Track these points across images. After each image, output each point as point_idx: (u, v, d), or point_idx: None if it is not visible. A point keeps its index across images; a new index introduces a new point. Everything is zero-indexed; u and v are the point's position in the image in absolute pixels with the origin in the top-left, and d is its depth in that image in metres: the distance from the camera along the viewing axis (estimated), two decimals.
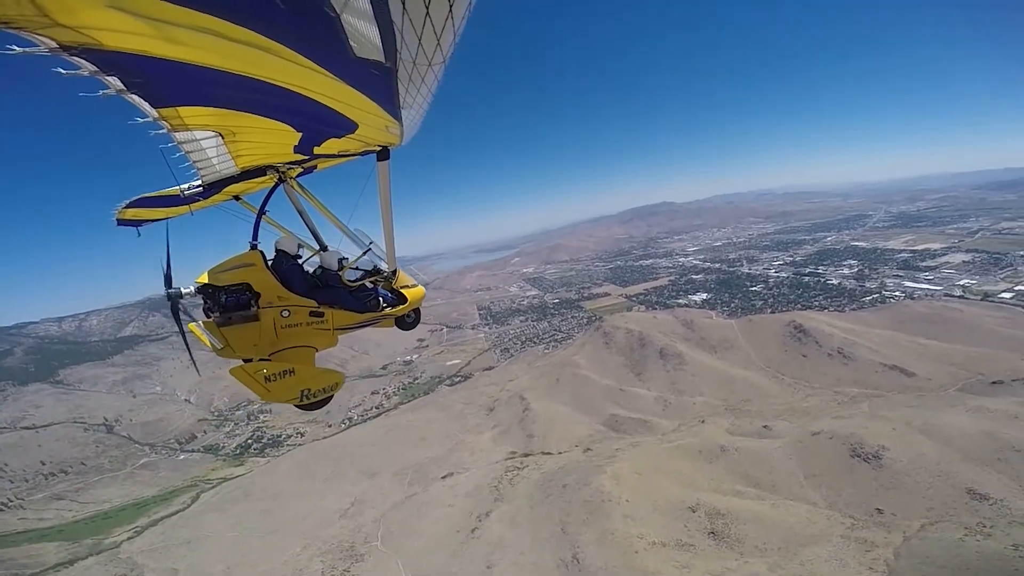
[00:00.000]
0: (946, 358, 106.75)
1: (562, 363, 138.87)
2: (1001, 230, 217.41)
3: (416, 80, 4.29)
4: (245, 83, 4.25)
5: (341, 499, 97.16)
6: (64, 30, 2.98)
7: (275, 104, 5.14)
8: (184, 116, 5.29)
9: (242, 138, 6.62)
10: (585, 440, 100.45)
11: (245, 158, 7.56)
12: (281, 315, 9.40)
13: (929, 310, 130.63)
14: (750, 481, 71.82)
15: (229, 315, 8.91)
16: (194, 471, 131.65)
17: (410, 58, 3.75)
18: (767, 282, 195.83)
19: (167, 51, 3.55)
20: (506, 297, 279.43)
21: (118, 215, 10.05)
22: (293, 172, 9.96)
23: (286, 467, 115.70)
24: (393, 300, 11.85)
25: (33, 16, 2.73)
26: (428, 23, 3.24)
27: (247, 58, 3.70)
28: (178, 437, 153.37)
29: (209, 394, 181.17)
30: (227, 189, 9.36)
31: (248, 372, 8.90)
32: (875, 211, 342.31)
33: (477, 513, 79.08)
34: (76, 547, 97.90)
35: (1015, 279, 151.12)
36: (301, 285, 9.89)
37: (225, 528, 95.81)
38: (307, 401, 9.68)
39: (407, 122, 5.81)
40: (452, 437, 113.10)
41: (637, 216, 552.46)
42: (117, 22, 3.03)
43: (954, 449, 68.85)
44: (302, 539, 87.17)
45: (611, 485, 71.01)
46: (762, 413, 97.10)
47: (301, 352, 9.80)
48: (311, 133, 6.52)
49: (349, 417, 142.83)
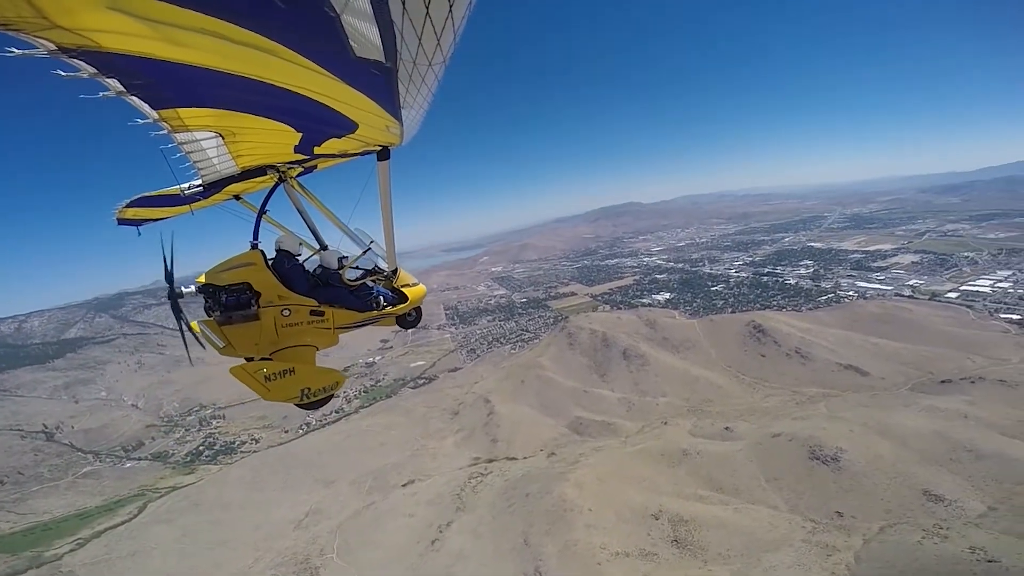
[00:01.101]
0: (898, 357, 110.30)
1: (527, 364, 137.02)
2: (946, 232, 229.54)
3: (416, 80, 4.28)
4: (245, 84, 4.24)
5: (296, 509, 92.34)
6: (63, 32, 2.99)
7: (275, 105, 5.14)
8: (184, 117, 5.30)
9: (242, 138, 6.60)
10: (550, 444, 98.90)
11: (246, 158, 7.55)
12: (282, 314, 9.40)
13: (881, 310, 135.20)
14: (713, 485, 71.56)
15: (230, 314, 8.89)
16: (141, 480, 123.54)
17: (410, 58, 3.75)
18: (728, 282, 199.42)
19: (166, 53, 3.54)
20: (473, 296, 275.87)
21: (118, 215, 10.17)
22: (293, 172, 9.94)
23: (238, 475, 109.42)
24: (394, 299, 11.83)
25: (31, 18, 2.74)
26: (428, 23, 3.24)
27: (247, 59, 3.69)
28: (124, 444, 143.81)
29: (158, 399, 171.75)
30: (227, 188, 9.34)
31: (248, 371, 8.94)
32: (830, 213, 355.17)
33: (438, 523, 76.16)
34: (15, 560, 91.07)
35: (960, 279, 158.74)
36: (302, 284, 9.87)
37: (172, 540, 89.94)
38: (307, 400, 9.64)
39: (407, 122, 5.77)
40: (414, 442, 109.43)
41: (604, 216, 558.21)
42: (116, 24, 3.03)
43: (909, 450, 70.37)
44: (254, 551, 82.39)
45: (574, 493, 69.48)
46: (724, 414, 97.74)
47: (302, 351, 9.80)
48: (311, 133, 6.48)
49: (307, 422, 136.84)
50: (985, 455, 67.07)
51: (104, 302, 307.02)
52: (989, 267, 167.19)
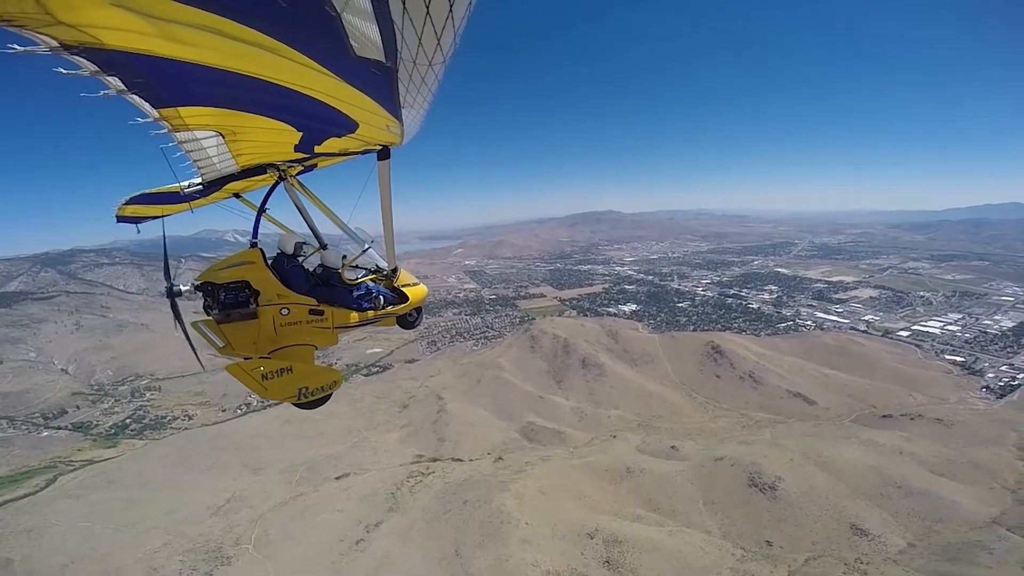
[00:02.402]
0: (845, 389, 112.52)
1: (486, 363, 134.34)
2: (907, 269, 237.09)
3: (416, 80, 4.26)
4: (246, 83, 4.22)
5: (217, 494, 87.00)
6: (66, 28, 2.96)
7: (276, 104, 5.12)
8: (185, 116, 5.28)
9: (243, 137, 6.58)
10: (498, 448, 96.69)
11: (246, 157, 7.52)
12: (280, 313, 9.30)
13: (836, 342, 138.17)
14: (651, 505, 70.63)
15: (228, 312, 8.80)
16: (57, 450, 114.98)
17: (410, 58, 3.74)
18: (694, 299, 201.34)
19: (168, 50, 3.53)
20: (443, 287, 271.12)
21: (118, 211, 10.22)
22: (293, 170, 9.77)
23: (162, 453, 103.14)
24: (394, 299, 11.67)
25: (34, 13, 2.71)
26: (428, 23, 3.23)
27: (248, 57, 3.68)
28: (45, 411, 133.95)
29: (91, 364, 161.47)
30: (227, 187, 9.31)
31: (245, 370, 8.73)
32: (801, 240, 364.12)
33: (367, 523, 72.90)
34: None
35: (912, 319, 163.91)
36: (301, 283, 9.75)
37: (78, 517, 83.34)
38: (305, 399, 9.49)
39: (407, 122, 5.71)
40: (356, 434, 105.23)
41: (582, 221, 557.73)
42: (119, 20, 3.01)
43: (844, 483, 71.25)
44: (164, 535, 77.03)
45: (513, 505, 67.41)
46: (672, 431, 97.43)
47: (300, 350, 9.67)
48: (312, 132, 6.43)
49: (248, 403, 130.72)
50: (913, 492, 69.17)
51: (53, 257, 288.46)
52: (942, 308, 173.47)
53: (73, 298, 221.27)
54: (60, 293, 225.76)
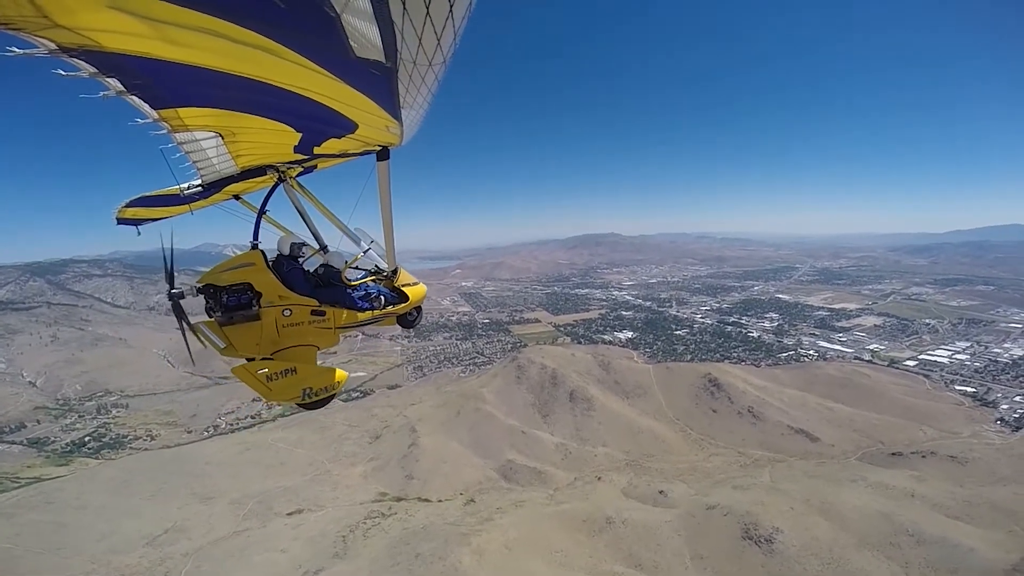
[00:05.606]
0: (850, 424, 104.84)
1: (468, 394, 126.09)
2: (911, 295, 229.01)
3: (416, 80, 4.22)
4: (245, 84, 4.21)
5: (157, 523, 79.73)
6: (64, 31, 2.96)
7: (275, 105, 5.10)
8: (184, 117, 5.25)
9: (242, 138, 6.58)
10: (472, 488, 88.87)
11: (245, 158, 7.50)
12: (283, 314, 9.15)
13: (840, 373, 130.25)
14: (632, 561, 62.39)
15: (231, 315, 8.66)
16: (5, 466, 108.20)
17: (410, 58, 3.69)
18: (692, 327, 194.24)
19: (167, 52, 3.51)
20: (436, 310, 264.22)
21: (118, 214, 10.22)
22: (293, 171, 9.78)
23: (109, 475, 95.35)
24: (395, 299, 11.49)
25: (32, 17, 2.71)
26: (428, 23, 3.20)
27: (247, 59, 3.66)
28: (3, 425, 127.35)
29: (60, 378, 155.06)
30: (227, 188, 9.35)
31: (250, 371, 8.69)
32: (802, 264, 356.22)
33: (307, 568, 65.04)
34: None
35: (919, 347, 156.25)
36: (302, 284, 9.62)
37: (1, 538, 76.34)
38: (309, 400, 9.36)
39: (407, 122, 5.66)
40: (318, 466, 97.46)
41: (582, 244, 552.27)
42: (117, 23, 3.00)
43: (849, 532, 63.74)
44: (89, 563, 70.61)
45: (470, 563, 59.26)
46: (663, 471, 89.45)
47: (303, 351, 9.51)
48: (311, 133, 6.42)
49: (216, 425, 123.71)
50: (926, 539, 61.64)
51: (45, 266, 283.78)
52: (949, 336, 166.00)
53: (54, 309, 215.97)
54: (42, 304, 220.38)
